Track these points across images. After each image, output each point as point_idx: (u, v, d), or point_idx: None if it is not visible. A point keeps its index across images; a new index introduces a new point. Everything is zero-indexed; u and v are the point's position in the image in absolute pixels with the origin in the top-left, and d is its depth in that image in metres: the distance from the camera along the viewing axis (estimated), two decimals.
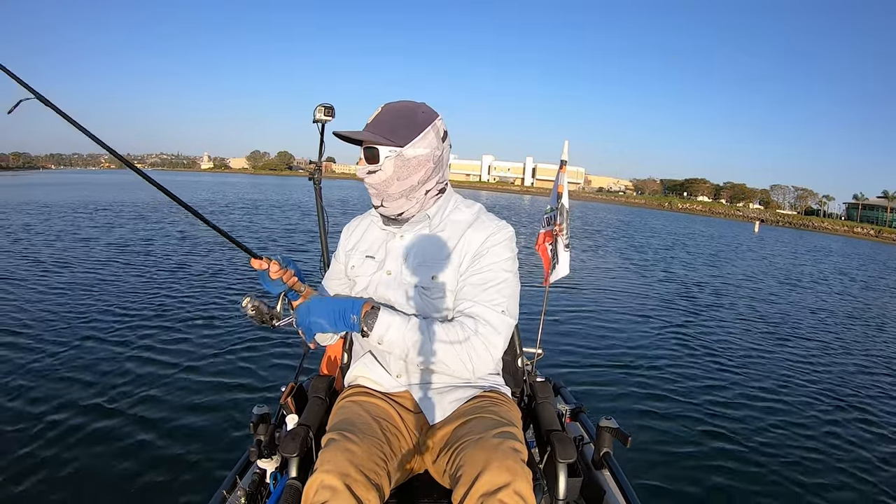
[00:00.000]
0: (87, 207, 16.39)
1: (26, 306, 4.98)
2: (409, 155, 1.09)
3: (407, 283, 1.13)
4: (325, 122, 1.82)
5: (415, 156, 1.09)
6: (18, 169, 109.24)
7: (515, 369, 1.49)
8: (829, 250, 24.23)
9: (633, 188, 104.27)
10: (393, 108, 1.12)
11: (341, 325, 1.02)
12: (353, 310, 1.01)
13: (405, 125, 1.09)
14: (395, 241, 1.18)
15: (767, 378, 4.38)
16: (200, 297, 5.68)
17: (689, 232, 26.30)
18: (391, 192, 1.12)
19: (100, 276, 6.54)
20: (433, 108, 1.15)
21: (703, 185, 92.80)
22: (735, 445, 3.11)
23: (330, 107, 1.82)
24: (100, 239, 9.95)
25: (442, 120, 1.15)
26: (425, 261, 1.13)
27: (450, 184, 1.22)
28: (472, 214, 1.18)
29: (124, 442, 2.67)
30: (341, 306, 1.02)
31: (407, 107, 1.12)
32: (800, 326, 6.58)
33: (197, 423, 2.89)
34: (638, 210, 55.25)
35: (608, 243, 15.52)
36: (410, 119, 1.09)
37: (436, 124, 1.12)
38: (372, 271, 1.18)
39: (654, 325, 5.79)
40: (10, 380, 3.29)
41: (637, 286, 8.39)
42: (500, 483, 0.86)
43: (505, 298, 1.09)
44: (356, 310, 1.01)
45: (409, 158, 1.09)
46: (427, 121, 1.11)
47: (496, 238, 1.12)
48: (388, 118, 1.10)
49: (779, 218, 63.19)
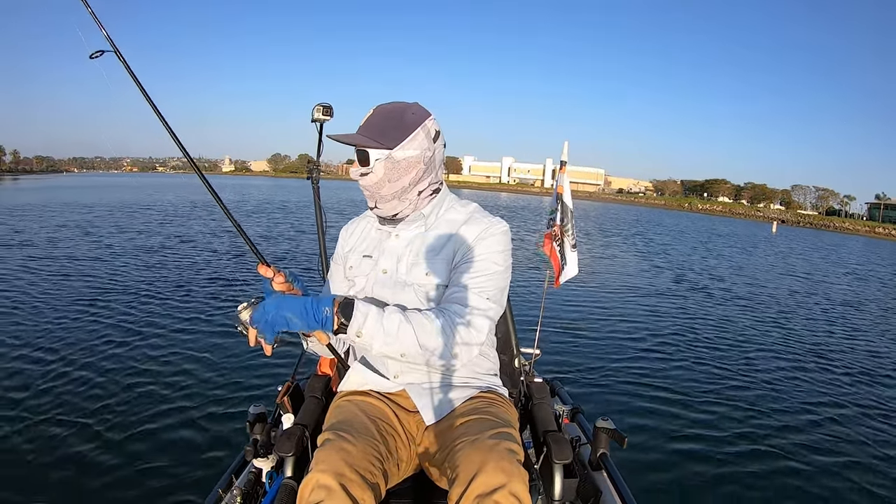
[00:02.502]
0: (113, 208, 16.38)
1: (25, 298, 4.98)
2: (398, 157, 1.09)
3: (402, 282, 1.13)
4: (324, 122, 1.82)
5: (404, 157, 1.09)
6: (42, 172, 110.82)
7: (513, 370, 1.49)
8: (839, 249, 24.16)
9: (654, 189, 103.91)
10: (383, 109, 1.12)
11: (312, 321, 0.94)
12: (325, 302, 0.96)
13: (394, 127, 1.09)
14: (390, 241, 1.18)
15: (768, 378, 4.39)
16: (200, 297, 5.68)
17: (698, 229, 26.19)
18: (383, 194, 1.12)
19: (96, 273, 6.53)
20: (425, 108, 1.14)
21: (723, 185, 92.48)
22: (733, 446, 3.11)
23: (328, 106, 1.82)
24: (109, 237, 9.94)
25: (434, 120, 1.14)
26: (420, 259, 1.14)
27: (445, 184, 1.23)
28: (466, 213, 1.19)
29: (120, 440, 2.66)
30: (312, 301, 0.96)
31: (397, 108, 1.11)
32: (802, 325, 6.59)
33: (193, 423, 2.89)
34: (657, 211, 54.92)
35: (609, 242, 15.54)
36: (399, 121, 1.09)
37: (426, 125, 1.12)
38: (368, 270, 1.18)
39: (653, 325, 5.79)
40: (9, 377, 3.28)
41: (636, 285, 8.39)
42: (495, 484, 0.86)
43: (492, 287, 1.09)
44: (328, 302, 0.96)
45: (399, 160, 1.09)
46: (416, 122, 1.10)
47: (489, 231, 1.13)
48: (378, 120, 1.10)
49: (799, 218, 62.93)
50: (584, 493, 1.28)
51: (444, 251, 1.13)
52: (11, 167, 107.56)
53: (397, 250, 1.16)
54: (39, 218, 13.21)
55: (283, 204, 23.15)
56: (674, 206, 72.37)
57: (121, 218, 13.84)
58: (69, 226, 11.72)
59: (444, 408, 1.12)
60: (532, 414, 1.34)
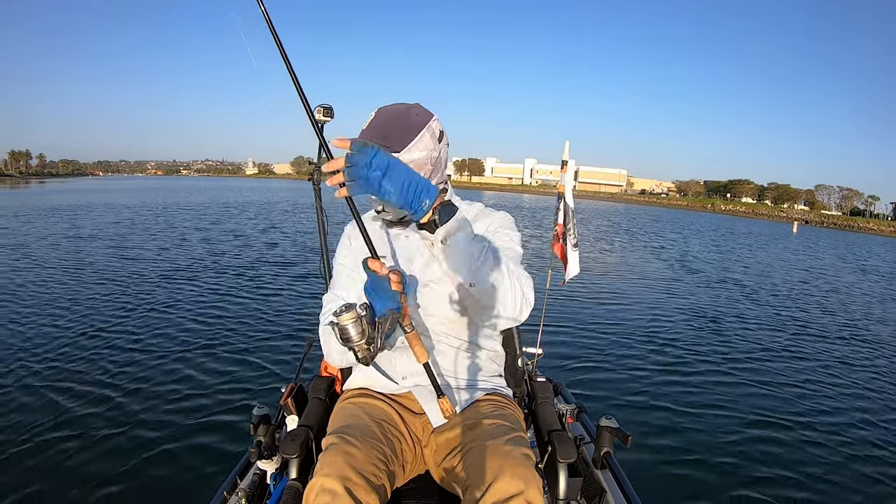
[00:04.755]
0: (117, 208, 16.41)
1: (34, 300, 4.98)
2: (405, 160, 1.06)
3: (419, 281, 1.13)
4: (324, 123, 1.82)
5: (411, 160, 1.07)
6: (67, 176, 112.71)
7: (516, 369, 1.49)
8: (858, 248, 23.98)
9: (676, 190, 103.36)
10: (386, 112, 1.10)
11: (407, 202, 0.88)
12: (428, 193, 0.89)
13: (399, 130, 1.07)
14: (400, 241, 1.18)
15: (771, 378, 4.38)
16: (200, 297, 5.69)
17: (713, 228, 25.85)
18: None
19: (108, 273, 6.54)
20: (427, 109, 1.13)
21: (746, 186, 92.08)
22: (737, 445, 3.11)
23: (329, 107, 1.82)
24: (122, 238, 9.96)
25: (437, 120, 1.12)
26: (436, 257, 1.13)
27: (450, 184, 1.23)
28: (474, 210, 1.21)
29: (124, 442, 2.67)
30: (421, 182, 0.89)
31: (399, 111, 1.10)
32: (809, 324, 6.58)
33: (197, 424, 2.89)
34: (678, 212, 54.44)
35: (615, 241, 15.52)
36: (404, 123, 1.07)
37: (431, 126, 1.10)
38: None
39: (655, 325, 5.78)
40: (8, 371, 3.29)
41: (639, 284, 8.38)
42: (513, 491, 0.87)
43: (521, 265, 1.11)
44: (432, 195, 0.89)
45: (406, 163, 1.05)
46: (421, 123, 1.09)
47: (501, 222, 1.18)
48: (382, 123, 1.08)
49: (823, 219, 62.99)
50: (588, 492, 1.28)
51: None
52: (38, 170, 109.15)
53: (409, 250, 1.16)
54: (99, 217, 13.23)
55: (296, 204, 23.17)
56: (696, 207, 72.23)
57: (139, 218, 13.87)
58: (123, 222, 11.74)
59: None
60: (536, 413, 1.34)
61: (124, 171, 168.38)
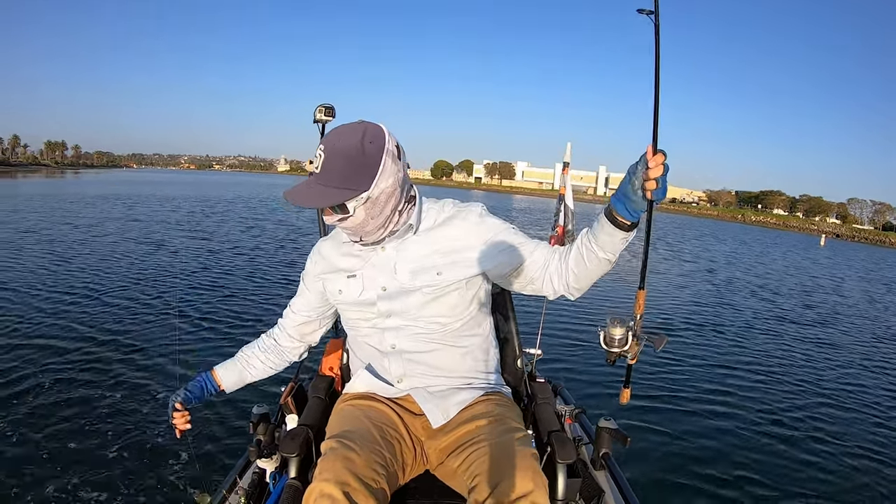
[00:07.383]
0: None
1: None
2: (376, 194, 0.99)
3: (407, 290, 1.09)
4: (326, 123, 1.82)
5: (382, 191, 1.00)
6: (101, 167, 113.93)
7: (515, 370, 1.49)
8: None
9: (707, 199, 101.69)
10: (336, 150, 0.98)
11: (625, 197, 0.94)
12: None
13: (358, 167, 0.97)
14: (377, 256, 1.12)
15: (771, 378, 4.38)
16: (201, 297, 5.69)
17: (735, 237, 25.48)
18: (368, 230, 1.05)
19: (115, 267, 6.55)
20: (375, 126, 1.01)
21: (778, 197, 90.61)
22: (736, 447, 3.11)
23: (330, 107, 1.82)
24: (122, 233, 9.96)
25: (390, 136, 1.02)
26: (423, 263, 1.10)
27: (415, 186, 1.13)
28: (448, 211, 1.14)
29: (123, 441, 2.67)
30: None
31: (351, 144, 0.98)
32: (807, 327, 6.58)
33: (196, 423, 2.88)
34: (708, 222, 53.39)
35: None
36: (361, 159, 0.97)
37: (388, 148, 1.00)
38: (358, 291, 1.12)
39: (655, 325, 5.78)
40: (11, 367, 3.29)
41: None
42: (521, 492, 0.88)
43: None
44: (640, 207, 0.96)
45: (378, 196, 1.00)
46: (378, 150, 0.99)
47: (479, 217, 1.13)
48: (338, 164, 0.97)
49: (854, 233, 61.88)
50: (586, 493, 1.29)
51: (441, 248, 1.10)
52: (73, 161, 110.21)
53: (389, 263, 1.11)
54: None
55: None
56: (726, 217, 71.12)
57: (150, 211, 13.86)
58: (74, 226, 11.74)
59: (451, 410, 1.12)
60: (535, 414, 1.34)
61: (157, 164, 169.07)
